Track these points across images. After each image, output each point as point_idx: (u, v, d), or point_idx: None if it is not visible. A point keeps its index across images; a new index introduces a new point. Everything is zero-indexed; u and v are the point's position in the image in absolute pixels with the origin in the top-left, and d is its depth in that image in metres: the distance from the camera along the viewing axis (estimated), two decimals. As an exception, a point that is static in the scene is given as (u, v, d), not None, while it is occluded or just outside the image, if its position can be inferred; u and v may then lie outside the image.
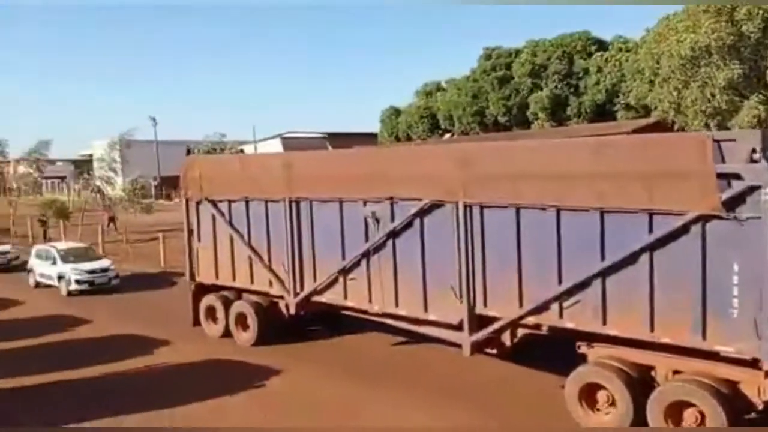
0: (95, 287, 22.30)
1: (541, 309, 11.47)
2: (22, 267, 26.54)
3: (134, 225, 36.27)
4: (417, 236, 12.97)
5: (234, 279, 16.44)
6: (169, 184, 68.35)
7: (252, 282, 16.08)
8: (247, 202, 15.97)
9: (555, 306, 11.22)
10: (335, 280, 14.50)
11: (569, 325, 11.16)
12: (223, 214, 16.47)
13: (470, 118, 62.63)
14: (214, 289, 17.04)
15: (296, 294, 15.21)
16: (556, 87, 60.85)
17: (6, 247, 29.06)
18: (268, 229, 15.62)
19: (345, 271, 14.27)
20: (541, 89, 61.52)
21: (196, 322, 17.19)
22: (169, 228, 33.00)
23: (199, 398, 12.71)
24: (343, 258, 14.22)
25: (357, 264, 14.03)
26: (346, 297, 14.40)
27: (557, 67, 60.90)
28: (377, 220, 13.58)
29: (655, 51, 33.49)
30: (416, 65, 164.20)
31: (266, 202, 15.58)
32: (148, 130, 69.66)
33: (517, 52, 63.07)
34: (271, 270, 15.62)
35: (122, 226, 35.91)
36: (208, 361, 15.24)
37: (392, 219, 13.33)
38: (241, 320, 16.25)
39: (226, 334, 16.50)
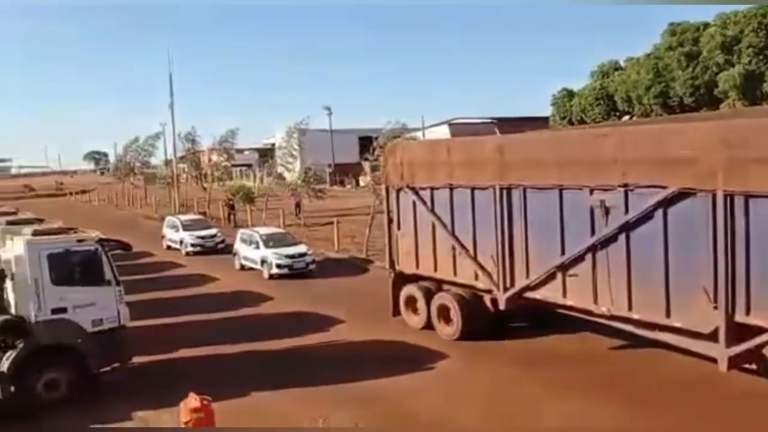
0: (294, 271, 22.27)
1: (830, 322, 9.14)
2: (226, 250, 27.32)
3: (307, 210, 36.84)
4: (658, 230, 10.99)
5: (435, 269, 15.31)
6: (342, 171, 69.79)
7: (455, 274, 14.86)
8: (451, 189, 14.74)
9: None
10: (552, 276, 12.87)
11: None
12: (425, 202, 15.38)
13: (652, 100, 57.48)
14: (415, 278, 16.05)
15: (506, 289, 13.76)
16: (750, 62, 54.05)
17: (213, 231, 29.82)
18: (474, 218, 14.29)
19: (564, 267, 12.60)
20: (733, 65, 54.90)
21: (396, 311, 16.29)
22: (341, 213, 33.15)
23: (374, 375, 12.66)
24: (563, 252, 12.55)
25: (580, 259, 12.30)
26: (565, 295, 12.73)
27: (752, 39, 54.05)
28: (607, 211, 11.74)
29: None
30: (589, 45, 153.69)
31: (473, 189, 14.25)
32: (323, 120, 71.43)
33: (706, 26, 56.81)
34: (477, 262, 14.29)
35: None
36: (383, 342, 14.96)
37: (626, 210, 11.44)
38: (444, 313, 15.09)
39: (428, 326, 15.44)
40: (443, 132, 66.07)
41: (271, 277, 22.21)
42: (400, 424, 10.79)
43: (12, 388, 11.21)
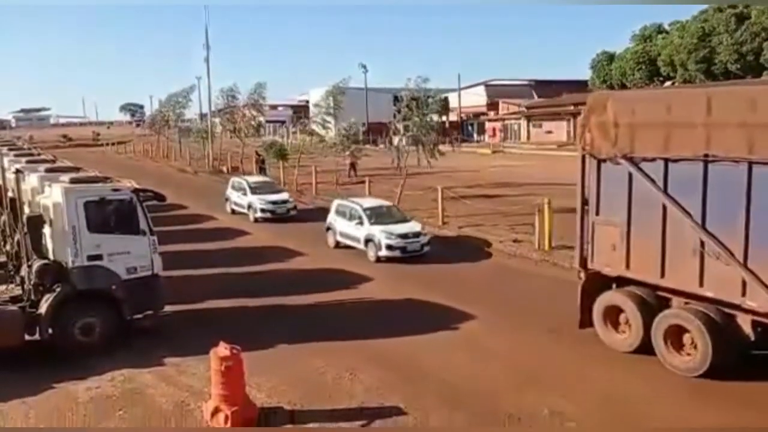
0: (406, 254, 16.62)
1: None
2: (299, 218, 22.46)
3: (342, 167, 32.82)
4: None
5: (662, 274, 9.94)
6: (375, 130, 64.09)
7: (701, 284, 9.48)
8: (706, 163, 9.24)
9: None
10: None
11: None
12: (652, 179, 9.90)
13: (695, 65, 51.08)
14: (617, 281, 10.71)
15: (810, 315, 8.42)
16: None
17: (285, 195, 24.01)
18: (749, 207, 8.85)
19: None
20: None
21: (585, 322, 10.98)
22: (375, 173, 29.17)
23: (396, 334, 11.52)
24: None
25: None
26: None
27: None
28: None
29: None
30: (629, 10, 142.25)
31: (751, 164, 8.76)
32: (358, 78, 64.86)
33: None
34: (748, 270, 8.90)
35: (333, 169, 32.19)
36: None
37: None
38: (674, 336, 9.77)
39: (643, 349, 10.14)
40: (479, 93, 60.01)
41: (378, 260, 16.64)
42: None
43: (50, 331, 10.84)
